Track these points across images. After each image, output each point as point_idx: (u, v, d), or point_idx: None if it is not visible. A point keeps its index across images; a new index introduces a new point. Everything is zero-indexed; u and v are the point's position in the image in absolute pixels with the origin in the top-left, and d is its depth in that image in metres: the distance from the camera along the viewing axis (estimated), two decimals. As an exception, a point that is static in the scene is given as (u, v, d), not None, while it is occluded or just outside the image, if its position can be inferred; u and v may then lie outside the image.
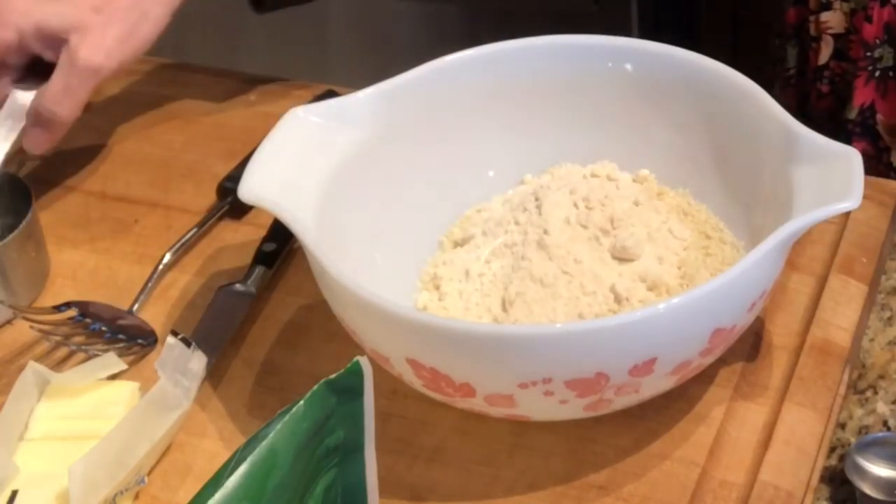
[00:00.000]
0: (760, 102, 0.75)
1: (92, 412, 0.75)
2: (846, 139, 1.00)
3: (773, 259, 0.68)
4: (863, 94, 0.99)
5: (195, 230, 0.90)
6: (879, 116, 1.00)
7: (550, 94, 0.83)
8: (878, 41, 0.99)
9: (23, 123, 0.90)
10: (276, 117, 0.78)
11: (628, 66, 0.81)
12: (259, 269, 0.85)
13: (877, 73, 0.99)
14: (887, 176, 0.73)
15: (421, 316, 0.67)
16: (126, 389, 0.76)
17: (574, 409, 0.68)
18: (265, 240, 0.87)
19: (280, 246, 0.87)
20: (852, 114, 0.99)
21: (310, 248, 0.70)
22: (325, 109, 0.79)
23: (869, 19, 0.98)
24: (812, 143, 0.70)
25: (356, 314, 0.69)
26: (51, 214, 0.93)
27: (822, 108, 1.04)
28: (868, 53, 0.99)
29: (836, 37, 1.02)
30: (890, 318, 0.81)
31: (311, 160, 0.77)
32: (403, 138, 0.81)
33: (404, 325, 0.66)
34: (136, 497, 0.72)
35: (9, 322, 0.85)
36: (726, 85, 0.78)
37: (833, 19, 1.02)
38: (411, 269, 0.81)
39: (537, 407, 0.68)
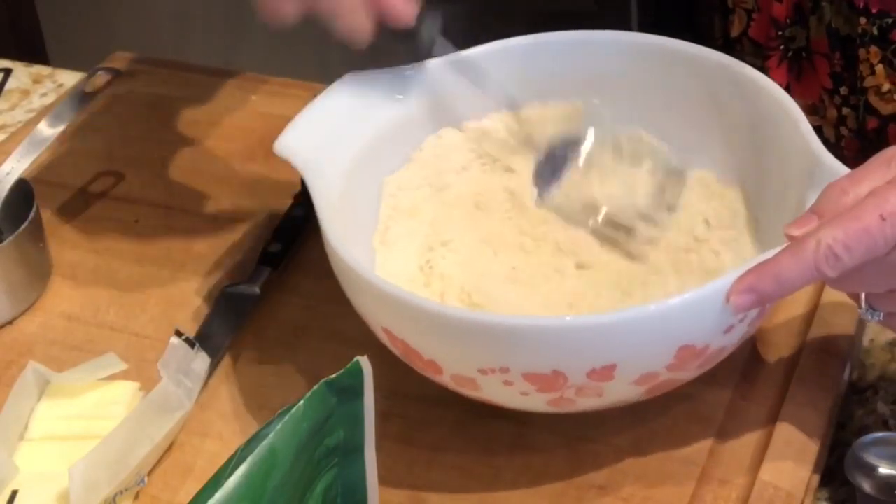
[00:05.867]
0: (793, 121, 0.73)
1: (92, 412, 0.75)
2: None
3: None
4: (777, 76, 0.98)
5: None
6: (796, 99, 0.99)
7: (587, 90, 0.83)
8: (788, 21, 0.98)
9: (37, 153, 0.89)
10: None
11: (678, 70, 0.81)
12: (264, 270, 0.85)
13: (789, 54, 0.98)
14: None
15: (389, 287, 0.67)
16: (126, 389, 0.76)
17: (537, 402, 0.68)
18: (271, 240, 0.87)
19: (286, 246, 0.87)
20: None
21: (319, 210, 0.72)
22: (377, 79, 0.81)
23: None
24: (834, 174, 0.68)
25: (343, 279, 0.71)
26: (52, 214, 0.93)
27: None
28: (779, 33, 0.98)
29: (748, 12, 1.01)
30: (890, 318, 0.81)
31: (353, 126, 0.78)
32: (445, 117, 0.83)
33: (375, 295, 0.68)
34: (137, 497, 0.72)
35: (9, 322, 0.85)
36: (764, 98, 0.76)
37: None
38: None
39: (501, 395, 0.68)
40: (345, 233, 0.73)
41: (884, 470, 0.69)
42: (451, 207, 0.82)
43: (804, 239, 0.62)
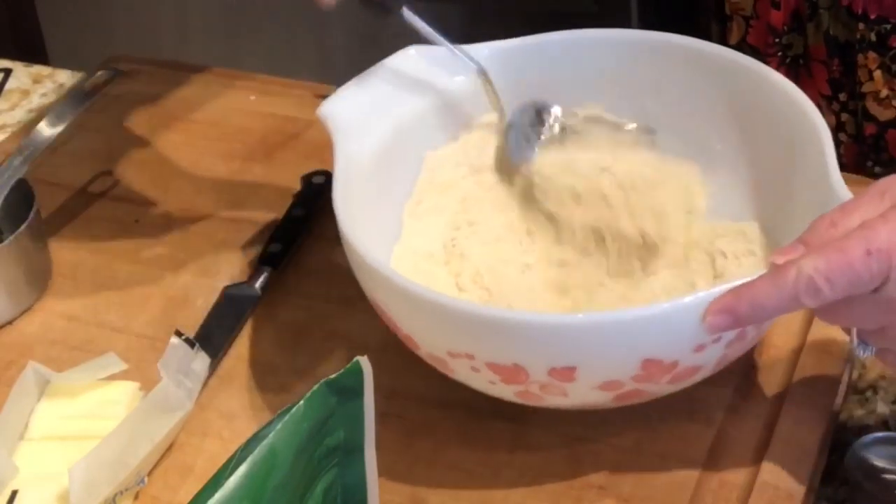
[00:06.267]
0: (820, 145, 0.71)
1: (92, 412, 0.75)
2: None
3: None
4: None
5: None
6: None
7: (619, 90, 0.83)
8: (785, 28, 0.98)
9: (37, 153, 0.89)
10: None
11: (698, 71, 0.80)
12: (265, 270, 0.85)
13: (787, 61, 0.98)
14: None
15: (371, 261, 0.68)
16: (126, 389, 0.76)
17: (505, 392, 0.69)
18: (271, 240, 0.87)
19: (286, 246, 0.87)
20: None
21: (336, 176, 0.73)
22: (437, 56, 0.81)
23: (776, 5, 0.98)
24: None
25: (343, 245, 0.71)
26: (52, 214, 0.93)
27: None
28: (777, 40, 0.98)
29: (746, 19, 1.01)
30: (890, 319, 0.81)
31: (406, 96, 0.79)
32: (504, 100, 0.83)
33: (361, 266, 0.69)
34: (137, 497, 0.72)
35: (9, 322, 0.85)
36: (794, 115, 0.75)
37: (743, 0, 1.01)
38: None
39: (473, 381, 0.69)
40: (371, 202, 0.74)
41: (884, 470, 0.69)
42: (485, 190, 0.83)
43: (786, 266, 0.61)
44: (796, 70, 0.98)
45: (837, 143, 0.98)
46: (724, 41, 1.03)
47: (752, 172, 0.79)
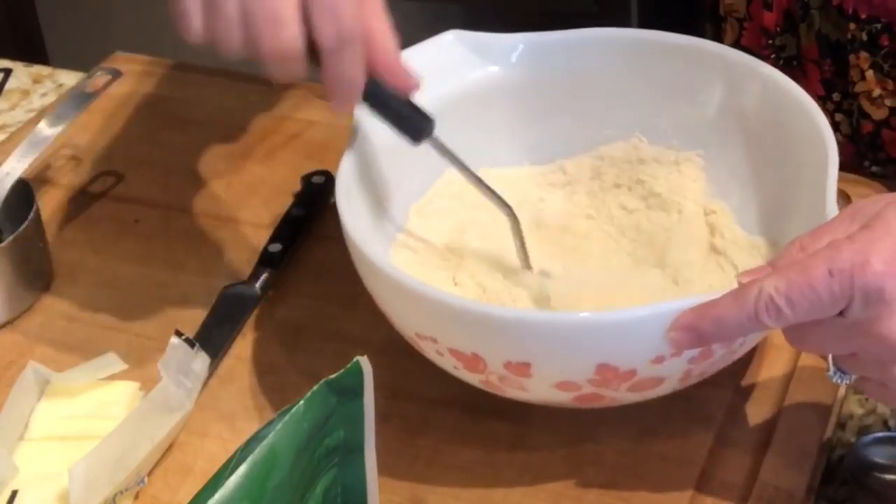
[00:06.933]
0: (825, 163, 0.71)
1: (92, 412, 0.75)
2: None
3: None
4: None
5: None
6: None
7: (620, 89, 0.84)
8: (778, 29, 0.98)
9: (37, 153, 0.89)
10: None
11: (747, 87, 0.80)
12: (265, 271, 0.85)
13: (781, 62, 0.99)
14: None
15: (360, 243, 0.69)
16: (126, 389, 0.76)
17: (471, 379, 0.69)
18: (271, 241, 0.87)
19: (286, 246, 0.87)
20: None
21: (345, 155, 0.74)
22: (475, 42, 0.82)
23: (768, 7, 0.98)
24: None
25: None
26: (52, 215, 0.93)
27: None
28: (770, 41, 0.98)
29: (740, 21, 1.01)
30: (890, 319, 0.81)
31: (437, 84, 0.78)
32: (530, 93, 0.83)
33: (350, 242, 0.70)
34: (137, 497, 0.72)
35: (9, 322, 0.85)
36: (804, 124, 0.75)
37: (737, 2, 1.01)
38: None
39: (442, 364, 0.70)
40: (381, 189, 0.75)
41: (884, 469, 0.69)
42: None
43: (749, 285, 0.60)
44: (790, 71, 0.98)
45: None
46: (718, 43, 1.03)
47: (760, 185, 0.79)
